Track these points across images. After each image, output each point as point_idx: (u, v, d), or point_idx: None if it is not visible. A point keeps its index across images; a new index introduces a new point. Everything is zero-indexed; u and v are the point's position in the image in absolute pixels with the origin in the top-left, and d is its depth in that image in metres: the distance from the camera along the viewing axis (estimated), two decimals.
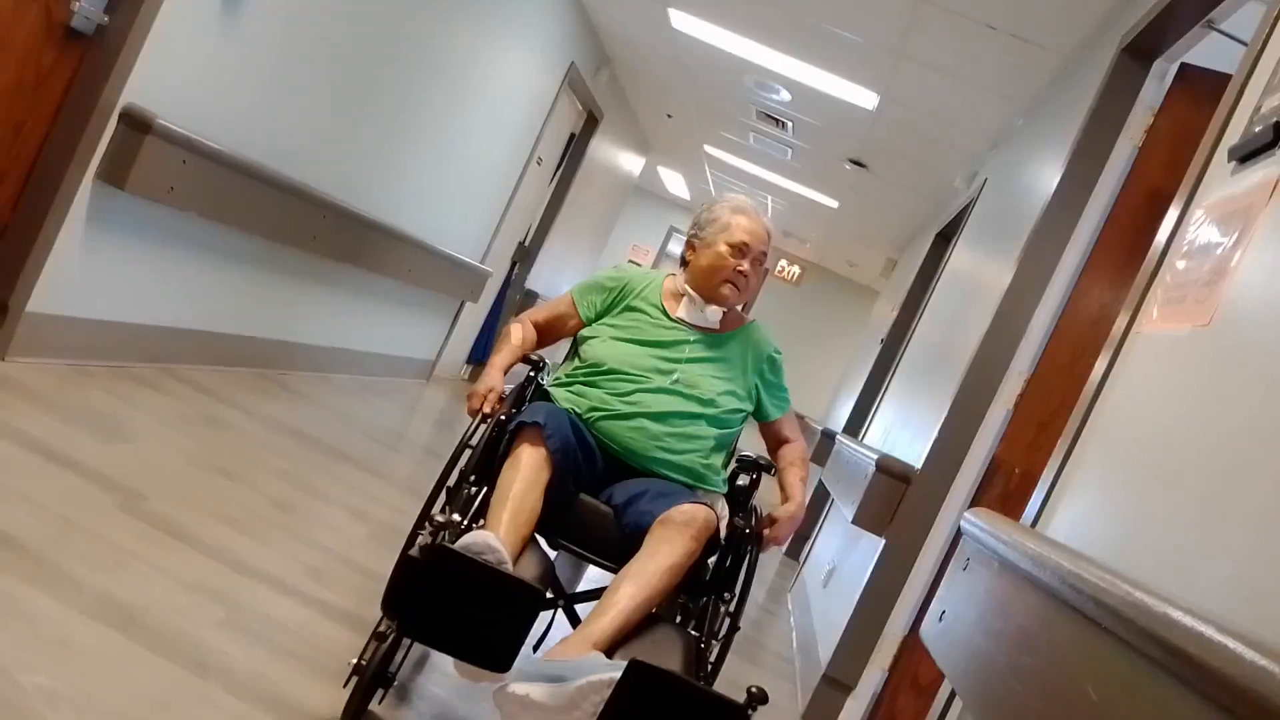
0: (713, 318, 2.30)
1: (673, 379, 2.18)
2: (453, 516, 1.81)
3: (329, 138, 4.08)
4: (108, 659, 1.67)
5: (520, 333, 2.27)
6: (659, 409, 2.13)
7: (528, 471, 1.92)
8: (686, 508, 1.92)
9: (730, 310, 2.34)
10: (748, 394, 2.30)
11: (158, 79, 3.00)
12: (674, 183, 11.75)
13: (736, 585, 2.02)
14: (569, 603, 2.10)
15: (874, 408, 5.64)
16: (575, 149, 7.39)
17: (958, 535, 1.62)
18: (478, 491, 2.02)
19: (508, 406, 2.11)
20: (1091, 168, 2.76)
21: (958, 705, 1.83)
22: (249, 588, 2.18)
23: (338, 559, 2.62)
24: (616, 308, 2.33)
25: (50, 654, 1.61)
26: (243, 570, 2.25)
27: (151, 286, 3.44)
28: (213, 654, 1.83)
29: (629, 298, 2.33)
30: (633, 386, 2.15)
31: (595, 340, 2.27)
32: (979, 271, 3.82)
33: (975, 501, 2.68)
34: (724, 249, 2.27)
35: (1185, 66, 2.65)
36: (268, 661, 1.90)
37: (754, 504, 2.22)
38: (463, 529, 1.82)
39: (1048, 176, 3.07)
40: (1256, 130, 1.37)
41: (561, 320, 2.34)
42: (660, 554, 1.86)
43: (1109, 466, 1.52)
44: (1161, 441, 1.35)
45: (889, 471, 3.16)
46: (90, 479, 2.35)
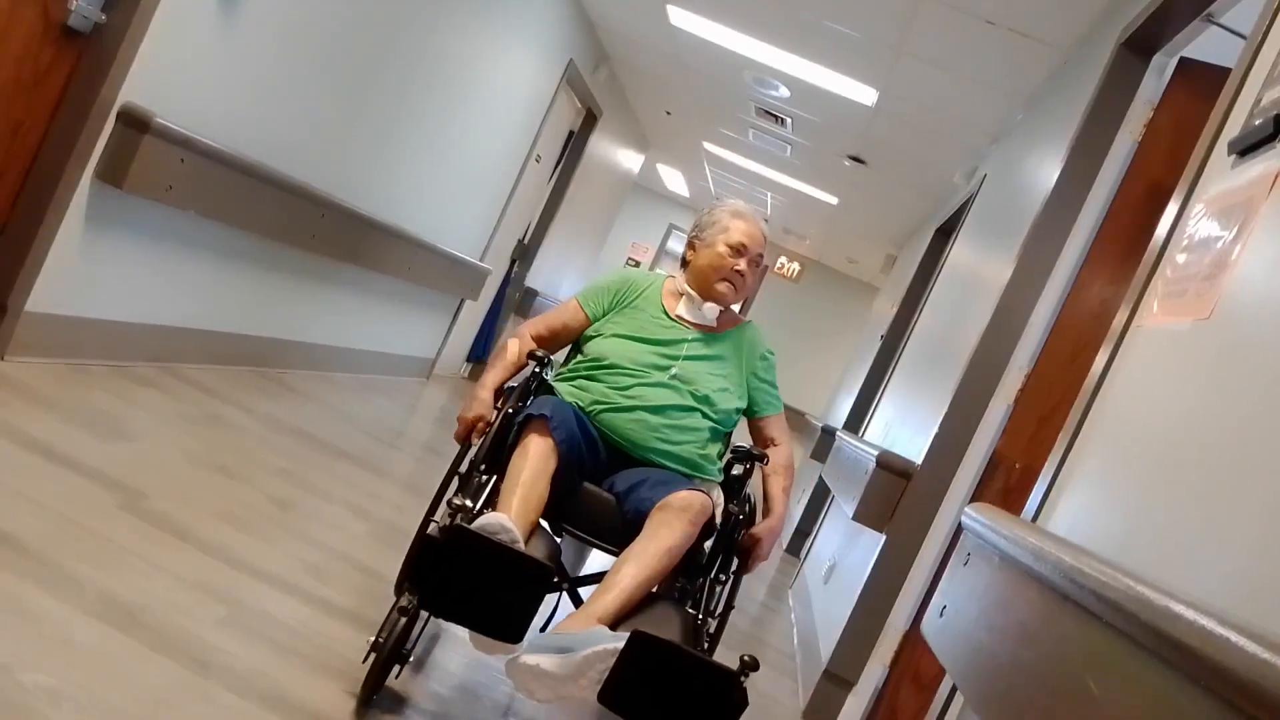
0: (710, 315, 2.41)
1: (670, 374, 2.27)
2: (466, 502, 1.89)
3: (328, 136, 4.08)
4: (109, 657, 1.67)
5: (517, 348, 2.33)
6: (657, 402, 2.23)
7: (536, 461, 2.01)
8: (684, 494, 2.02)
9: (727, 310, 2.45)
10: (741, 390, 2.39)
11: (156, 78, 3.00)
12: (673, 180, 11.74)
13: (731, 567, 2.15)
14: (573, 585, 2.17)
15: (874, 404, 5.64)
16: (574, 146, 7.38)
17: (958, 530, 1.62)
18: (488, 480, 2.11)
19: (515, 400, 2.19)
20: (1091, 162, 2.76)
21: (959, 700, 1.83)
22: (250, 586, 2.18)
23: (338, 557, 2.62)
24: (619, 306, 2.42)
25: (52, 653, 1.61)
26: (243, 568, 2.25)
27: (150, 285, 3.44)
28: (214, 652, 1.83)
29: (632, 297, 2.43)
30: (632, 381, 2.25)
31: (597, 337, 2.37)
32: (979, 267, 3.82)
33: (976, 496, 2.68)
34: (722, 249, 2.39)
35: (1185, 60, 2.65)
36: (269, 659, 1.91)
37: (748, 491, 2.30)
38: (475, 514, 1.90)
39: (1047, 171, 3.06)
40: (1256, 123, 1.37)
41: (567, 329, 2.43)
42: (660, 537, 1.96)
43: (1110, 461, 1.52)
44: (1162, 435, 1.35)
45: (889, 467, 3.17)
46: (91, 478, 2.35)
